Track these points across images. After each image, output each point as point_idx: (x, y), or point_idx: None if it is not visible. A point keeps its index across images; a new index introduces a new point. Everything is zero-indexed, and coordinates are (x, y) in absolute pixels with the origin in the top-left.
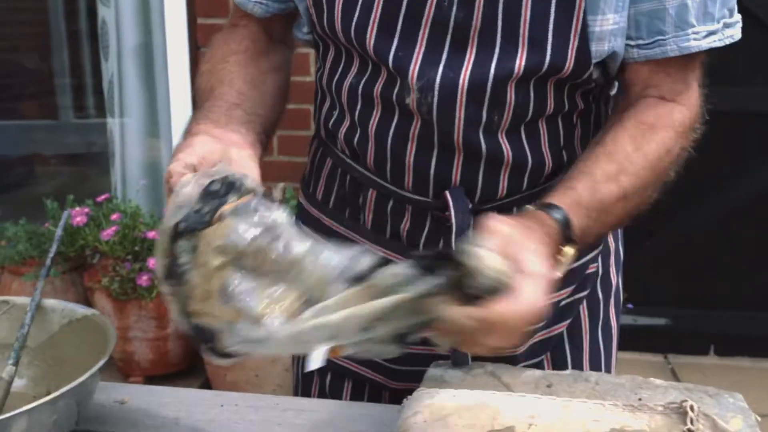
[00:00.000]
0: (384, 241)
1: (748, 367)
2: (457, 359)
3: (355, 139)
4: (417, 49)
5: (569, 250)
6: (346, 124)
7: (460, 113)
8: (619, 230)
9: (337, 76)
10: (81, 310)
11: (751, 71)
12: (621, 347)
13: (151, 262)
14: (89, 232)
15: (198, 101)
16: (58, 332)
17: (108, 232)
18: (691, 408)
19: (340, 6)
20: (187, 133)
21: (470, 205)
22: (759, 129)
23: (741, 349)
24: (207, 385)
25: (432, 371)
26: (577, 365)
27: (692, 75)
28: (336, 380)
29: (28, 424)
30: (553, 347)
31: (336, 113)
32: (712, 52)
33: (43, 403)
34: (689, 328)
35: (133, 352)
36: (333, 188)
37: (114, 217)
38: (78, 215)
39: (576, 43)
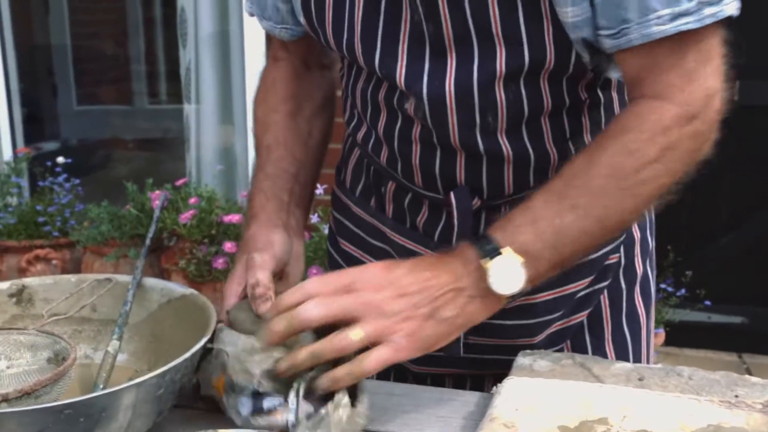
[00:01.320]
0: (405, 231)
1: None
2: (449, 348)
3: (371, 143)
4: (399, 63)
5: (496, 260)
6: (363, 128)
7: (452, 119)
8: (647, 219)
9: (351, 81)
10: (180, 289)
11: None
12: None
13: (227, 246)
14: (168, 215)
15: (256, 152)
16: (157, 310)
17: (186, 216)
18: None
19: (330, 26)
20: (261, 209)
21: (474, 205)
22: None
23: None
24: None
25: (521, 360)
26: (600, 354)
27: (692, 63)
28: None
29: (136, 396)
30: (572, 336)
31: (356, 117)
32: None
33: (152, 377)
34: (766, 328)
35: None
36: (360, 178)
37: (191, 201)
38: (157, 199)
39: (551, 33)
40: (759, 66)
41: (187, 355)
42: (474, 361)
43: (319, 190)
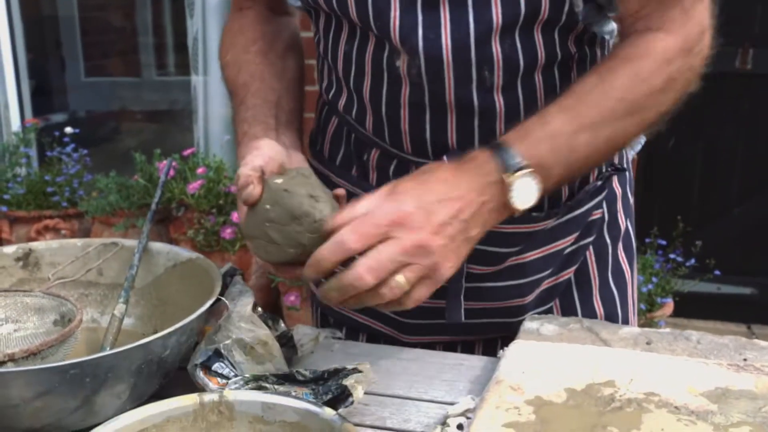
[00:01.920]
0: None
1: None
2: (451, 315)
3: (354, 110)
4: (393, 14)
5: (517, 175)
6: (344, 95)
7: (449, 74)
8: (627, 175)
9: (330, 43)
10: (185, 253)
11: None
12: (703, 315)
13: (235, 216)
14: (176, 185)
15: (232, 94)
16: (163, 274)
17: (194, 186)
18: None
19: None
20: (244, 135)
21: None
22: None
23: None
24: None
25: (528, 324)
26: (589, 311)
27: (689, 0)
28: (351, 333)
29: (142, 357)
30: (561, 294)
31: (335, 84)
32: None
33: (156, 339)
34: None
35: None
36: (340, 146)
37: (199, 171)
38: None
39: None
40: None
41: (193, 317)
42: (465, 326)
43: None
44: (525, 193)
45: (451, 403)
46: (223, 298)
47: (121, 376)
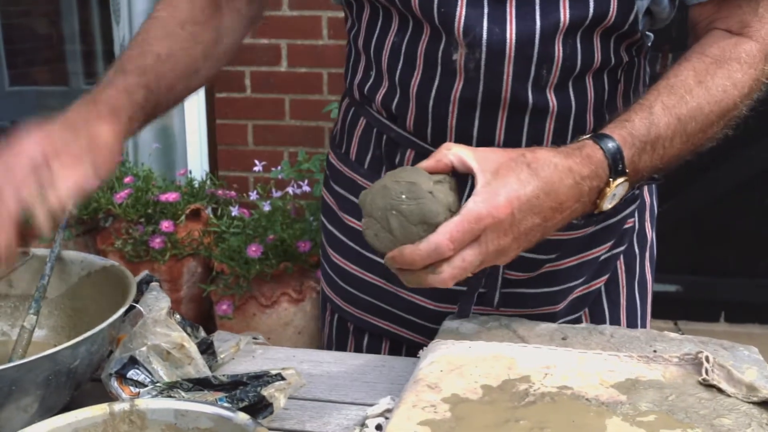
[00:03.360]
0: None
1: (759, 334)
2: (462, 311)
3: (395, 103)
4: (459, 4)
5: (618, 181)
6: (385, 87)
7: (508, 69)
8: (654, 185)
9: (376, 36)
10: (100, 261)
11: None
12: None
13: (164, 225)
14: (102, 194)
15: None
16: (77, 283)
17: (121, 195)
18: (707, 359)
19: None
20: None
21: None
22: None
23: (751, 316)
24: None
25: (447, 324)
26: (615, 321)
27: (762, 8)
28: (374, 340)
29: (50, 368)
30: (591, 303)
31: (373, 76)
32: None
33: (64, 348)
34: (700, 296)
35: None
36: (368, 148)
37: (127, 180)
38: None
39: None
40: None
41: (104, 325)
42: None
43: (258, 167)
44: (615, 198)
45: (372, 405)
46: (137, 305)
47: (27, 389)
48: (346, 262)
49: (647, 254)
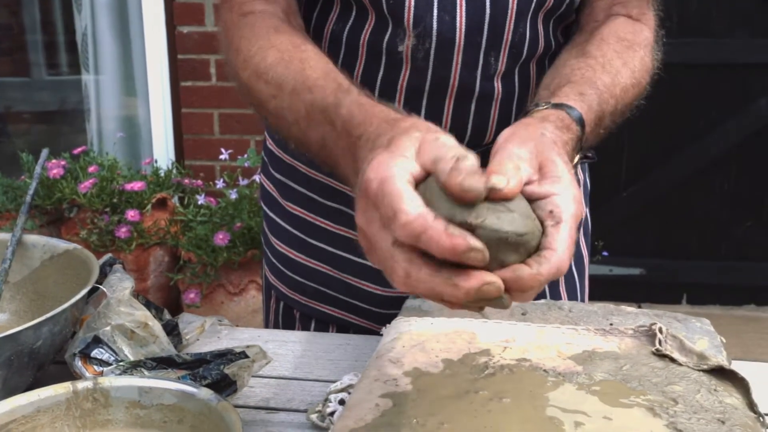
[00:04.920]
0: None
1: (719, 315)
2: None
3: None
4: None
5: (576, 158)
6: None
7: (457, 58)
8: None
9: (313, 24)
10: (63, 244)
11: (730, 24)
12: (596, 296)
13: (129, 214)
14: (66, 184)
15: (301, 83)
16: (39, 267)
17: (85, 185)
18: (660, 330)
19: None
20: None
21: None
22: (734, 81)
23: (712, 298)
24: None
25: (410, 302)
26: (555, 295)
27: None
28: (321, 327)
29: (11, 348)
30: None
31: None
32: (690, 5)
33: (26, 329)
34: (663, 278)
35: None
36: None
37: (91, 169)
38: (54, 168)
39: None
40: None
41: (66, 305)
42: None
43: (224, 155)
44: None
45: (336, 381)
46: (101, 286)
47: None
48: (290, 249)
49: (581, 230)
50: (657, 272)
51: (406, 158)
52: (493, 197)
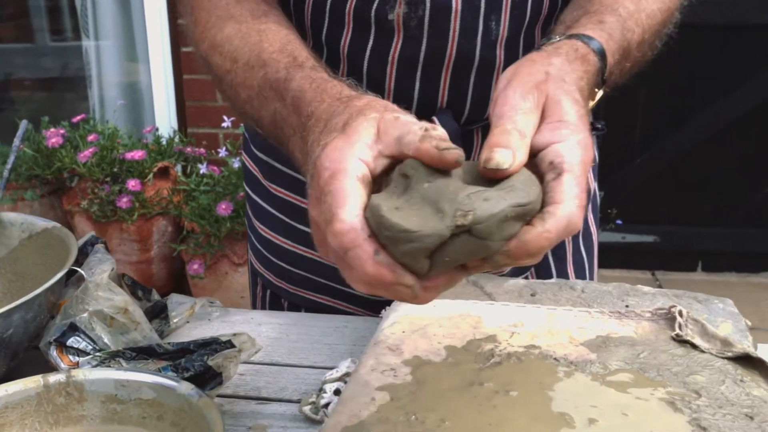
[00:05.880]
0: None
1: (735, 282)
2: None
3: (322, 59)
4: None
5: (599, 94)
6: (310, 44)
7: (455, 25)
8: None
9: None
10: (41, 222)
11: None
12: (609, 264)
13: (130, 183)
14: (66, 153)
15: (256, 56)
16: (18, 247)
17: (85, 154)
18: (680, 313)
19: None
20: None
21: (458, 127)
22: (749, 43)
23: (728, 266)
24: None
25: None
26: (563, 276)
27: None
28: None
29: None
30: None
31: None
32: None
33: None
34: (678, 245)
35: None
36: None
37: (91, 138)
38: (53, 136)
39: None
40: None
41: (38, 291)
42: None
43: (227, 122)
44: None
45: (332, 368)
46: (78, 269)
47: None
48: (275, 235)
49: (590, 205)
50: (671, 240)
51: (363, 145)
52: (498, 177)
